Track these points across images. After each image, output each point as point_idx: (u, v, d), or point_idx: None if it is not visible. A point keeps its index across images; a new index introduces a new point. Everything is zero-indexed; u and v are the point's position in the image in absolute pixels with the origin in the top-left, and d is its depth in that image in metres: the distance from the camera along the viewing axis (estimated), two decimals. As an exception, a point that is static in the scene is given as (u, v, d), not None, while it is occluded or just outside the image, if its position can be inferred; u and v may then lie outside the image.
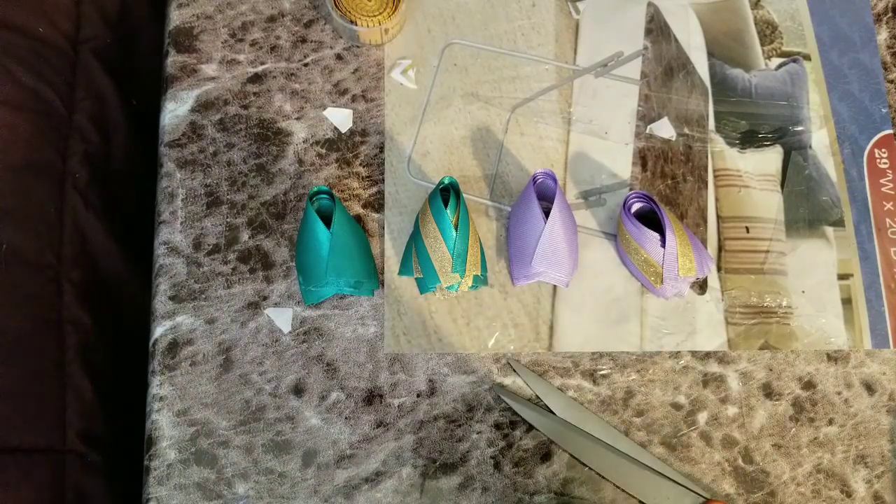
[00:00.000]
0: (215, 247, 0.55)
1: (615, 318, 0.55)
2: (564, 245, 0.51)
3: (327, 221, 0.51)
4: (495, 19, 0.62)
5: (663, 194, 0.58)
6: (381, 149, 0.58)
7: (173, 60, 0.59)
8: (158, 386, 0.52)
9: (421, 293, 0.54)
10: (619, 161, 0.58)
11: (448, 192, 0.53)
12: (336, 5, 0.58)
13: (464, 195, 0.54)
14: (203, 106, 0.58)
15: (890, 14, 0.64)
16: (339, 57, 0.60)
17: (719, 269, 0.57)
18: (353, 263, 0.52)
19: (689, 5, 0.63)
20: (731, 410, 0.54)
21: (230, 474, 0.51)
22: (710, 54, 0.62)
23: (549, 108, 0.60)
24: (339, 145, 0.58)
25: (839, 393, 0.55)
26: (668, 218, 0.52)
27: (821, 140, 0.60)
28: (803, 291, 0.57)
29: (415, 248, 0.53)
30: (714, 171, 0.59)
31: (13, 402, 0.49)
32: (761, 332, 0.55)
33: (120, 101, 0.61)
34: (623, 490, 0.51)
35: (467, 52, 0.61)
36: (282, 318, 0.53)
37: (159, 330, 0.53)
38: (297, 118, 0.58)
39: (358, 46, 0.60)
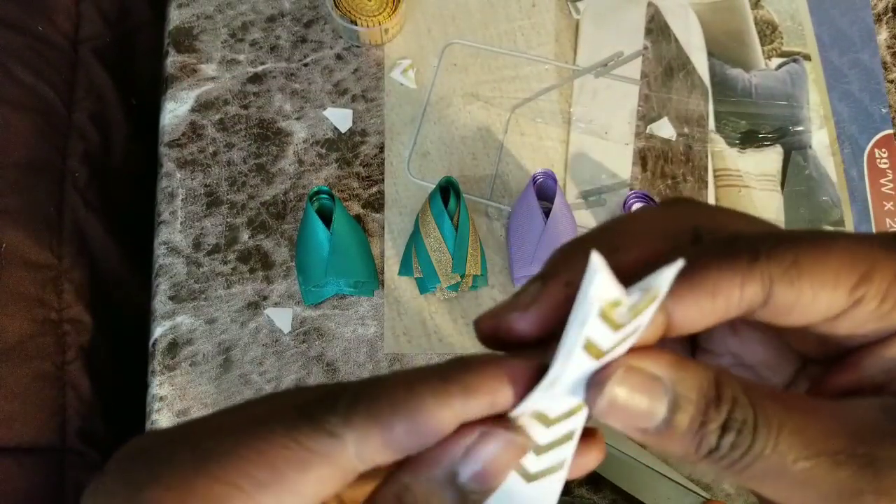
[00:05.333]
0: (215, 247, 0.55)
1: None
2: (564, 245, 0.51)
3: (327, 221, 0.51)
4: (495, 19, 0.62)
5: (663, 194, 0.58)
6: (381, 149, 0.58)
7: (173, 60, 0.59)
8: (158, 386, 0.52)
9: (421, 293, 0.54)
10: (619, 161, 0.58)
11: (448, 192, 0.53)
12: (336, 5, 0.58)
13: (464, 195, 0.54)
14: (203, 106, 0.58)
15: (890, 14, 0.64)
16: (338, 57, 0.60)
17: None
18: (353, 263, 0.52)
19: (689, 5, 0.63)
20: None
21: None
22: (711, 54, 0.62)
23: (549, 108, 0.60)
24: (338, 145, 0.58)
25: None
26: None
27: (821, 140, 0.60)
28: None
29: (415, 248, 0.53)
30: (714, 171, 0.59)
31: (13, 401, 0.49)
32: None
33: (120, 100, 0.61)
34: (623, 490, 0.51)
35: (467, 51, 0.61)
36: (282, 318, 0.53)
37: (159, 330, 0.53)
38: (297, 118, 0.58)
39: (358, 46, 0.60)
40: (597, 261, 0.15)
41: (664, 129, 0.60)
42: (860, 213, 0.58)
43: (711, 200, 0.58)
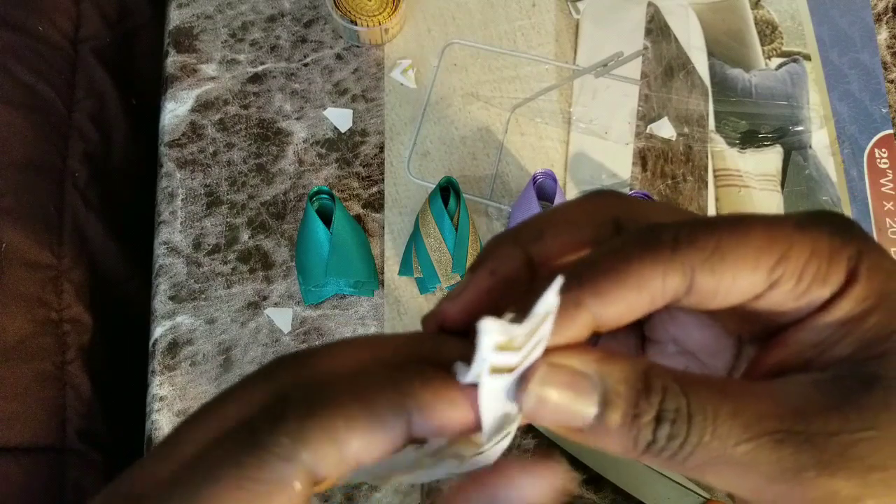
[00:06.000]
0: (215, 247, 0.55)
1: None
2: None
3: (327, 221, 0.51)
4: (495, 19, 0.62)
5: (663, 194, 0.58)
6: (381, 149, 0.58)
7: (173, 60, 0.59)
8: (158, 386, 0.52)
9: (421, 293, 0.54)
10: (619, 161, 0.58)
11: (448, 192, 0.53)
12: (336, 5, 0.58)
13: (464, 195, 0.54)
14: (203, 106, 0.58)
15: (890, 14, 0.64)
16: (339, 57, 0.60)
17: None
18: (353, 263, 0.52)
19: (689, 5, 0.63)
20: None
21: (230, 474, 0.51)
22: (711, 54, 0.62)
23: (550, 108, 0.60)
24: (339, 145, 0.58)
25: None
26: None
27: (821, 140, 0.60)
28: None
29: (415, 248, 0.53)
30: (714, 171, 0.59)
31: (13, 401, 0.49)
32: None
33: (119, 100, 0.61)
34: (623, 490, 0.51)
35: (467, 51, 0.61)
36: (282, 318, 0.53)
37: (159, 330, 0.53)
38: (297, 118, 0.58)
39: (358, 46, 0.60)
40: (486, 324, 0.16)
41: (664, 129, 0.60)
42: (860, 213, 0.58)
43: (711, 200, 0.58)
